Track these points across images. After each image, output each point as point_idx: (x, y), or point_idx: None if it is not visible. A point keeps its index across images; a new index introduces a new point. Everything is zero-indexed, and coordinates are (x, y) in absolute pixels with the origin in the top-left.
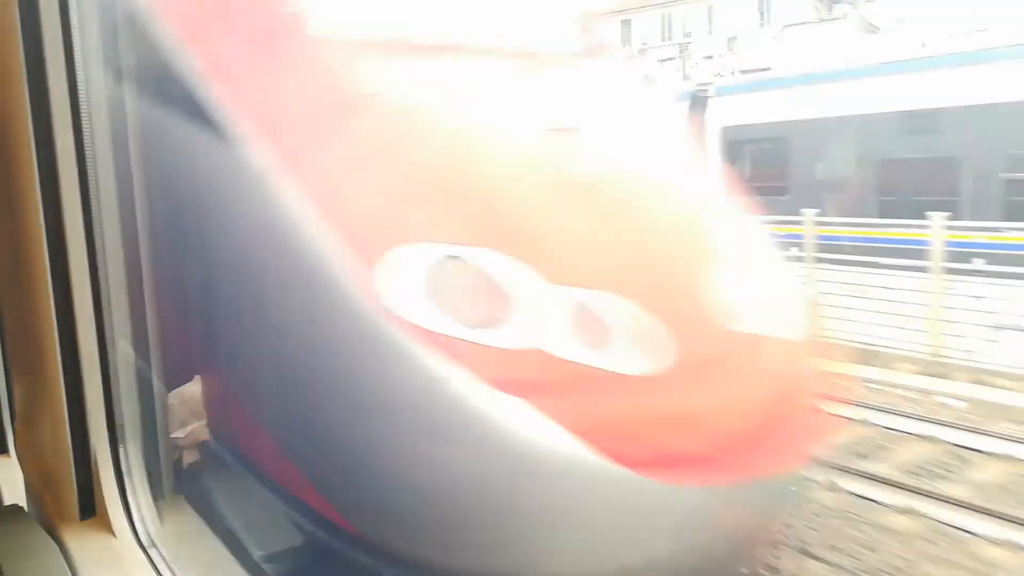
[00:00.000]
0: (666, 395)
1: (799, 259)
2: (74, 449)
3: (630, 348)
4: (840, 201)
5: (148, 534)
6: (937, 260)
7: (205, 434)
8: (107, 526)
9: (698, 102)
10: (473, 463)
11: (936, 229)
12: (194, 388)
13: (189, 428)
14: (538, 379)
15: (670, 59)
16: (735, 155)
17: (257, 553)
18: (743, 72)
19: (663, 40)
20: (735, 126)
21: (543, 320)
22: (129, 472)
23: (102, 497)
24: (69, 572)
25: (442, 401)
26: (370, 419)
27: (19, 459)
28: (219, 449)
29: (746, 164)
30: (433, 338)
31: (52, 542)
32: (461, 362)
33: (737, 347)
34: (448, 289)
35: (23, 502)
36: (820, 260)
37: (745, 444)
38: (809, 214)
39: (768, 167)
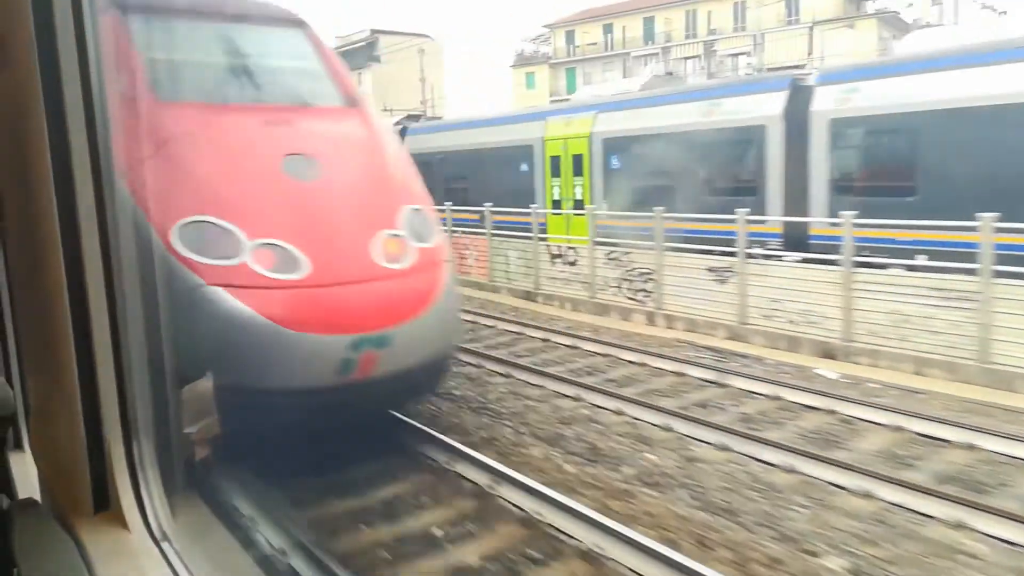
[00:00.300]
0: (306, 292)
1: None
2: (88, 443)
3: (286, 267)
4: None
5: (161, 528)
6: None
7: (217, 428)
8: (120, 520)
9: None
10: (217, 326)
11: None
12: (207, 383)
13: (202, 423)
14: (244, 283)
15: (694, 57)
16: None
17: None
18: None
19: (687, 37)
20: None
21: (247, 254)
22: (142, 466)
23: (116, 491)
24: (83, 565)
25: (199, 296)
26: (172, 308)
27: (33, 453)
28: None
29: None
30: (192, 264)
31: (66, 535)
32: (206, 276)
33: (361, 269)
34: (202, 238)
35: (37, 496)
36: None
37: (353, 316)
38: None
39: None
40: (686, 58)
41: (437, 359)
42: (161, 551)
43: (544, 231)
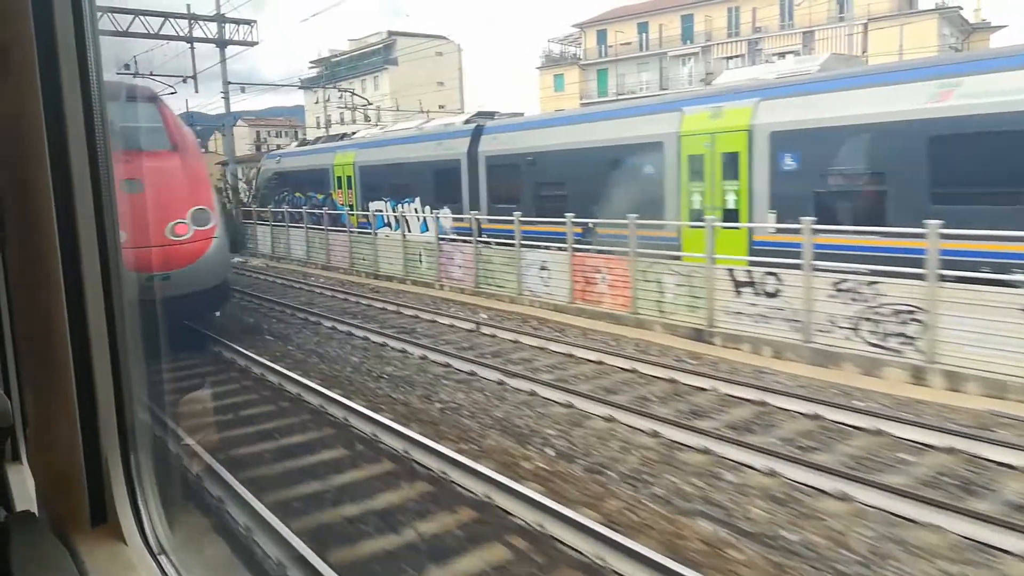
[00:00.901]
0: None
1: None
2: (86, 456)
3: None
4: None
5: (158, 541)
6: None
7: (214, 440)
8: (118, 533)
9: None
10: None
11: None
12: (203, 394)
13: (199, 435)
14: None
15: (737, 57)
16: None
17: None
18: None
19: (729, 36)
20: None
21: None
22: (140, 479)
23: (113, 504)
24: None
25: None
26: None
27: (31, 466)
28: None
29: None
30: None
31: (63, 548)
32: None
33: (157, 240)
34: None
35: (35, 509)
36: None
37: (149, 264)
38: None
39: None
40: (728, 58)
41: (206, 290)
42: (158, 565)
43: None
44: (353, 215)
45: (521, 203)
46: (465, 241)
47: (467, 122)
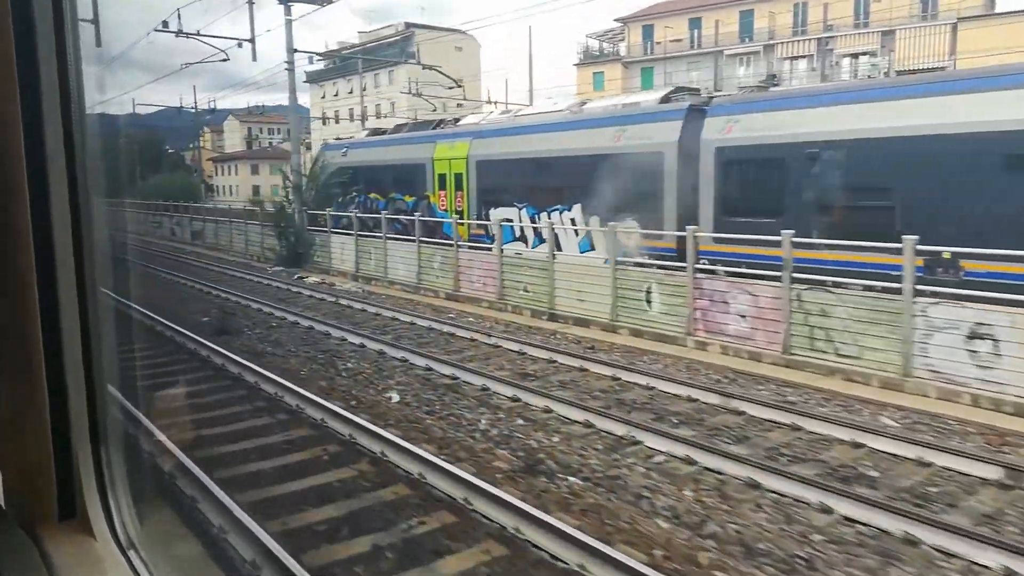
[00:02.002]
0: None
1: None
2: (55, 450)
3: None
4: None
5: (128, 536)
6: None
7: (186, 436)
8: (87, 527)
9: None
10: None
11: None
12: (176, 391)
13: (170, 431)
14: None
15: (804, 57)
16: None
17: None
18: None
19: (795, 34)
20: None
21: None
22: (111, 474)
23: (82, 498)
24: (47, 574)
25: None
26: None
27: None
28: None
29: None
30: None
31: (31, 543)
32: None
33: None
34: None
35: (1, 502)
36: None
37: None
38: None
39: None
40: (793, 58)
41: None
42: (127, 559)
43: None
44: (462, 224)
45: (789, 215)
46: (703, 270)
47: (666, 99)
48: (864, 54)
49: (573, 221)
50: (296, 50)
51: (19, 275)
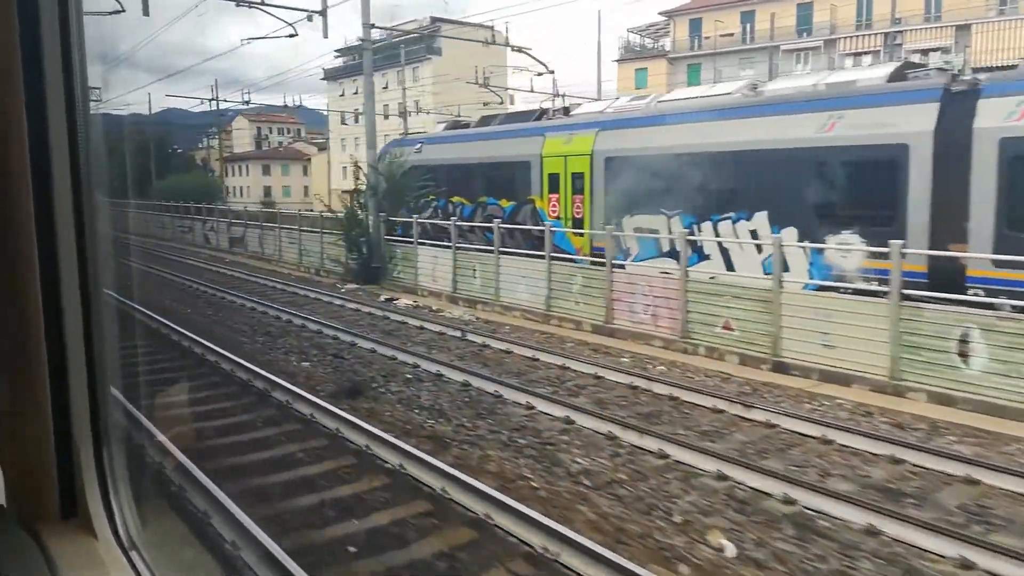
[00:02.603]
0: None
1: None
2: (57, 449)
3: None
4: None
5: (129, 536)
6: None
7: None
8: (88, 527)
9: None
10: None
11: None
12: (177, 391)
13: (176, 429)
14: None
15: (869, 52)
16: None
17: None
18: None
19: (859, 28)
20: None
21: None
22: (113, 473)
23: (84, 498)
24: (48, 573)
25: None
26: None
27: (0, 457)
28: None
29: None
30: None
31: (32, 542)
32: None
33: None
34: None
35: (3, 501)
36: None
37: None
38: None
39: None
40: (856, 53)
41: None
42: (129, 560)
43: None
44: (581, 236)
45: None
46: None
47: (899, 75)
48: (936, 50)
49: (754, 234)
50: (375, 26)
51: (23, 275)
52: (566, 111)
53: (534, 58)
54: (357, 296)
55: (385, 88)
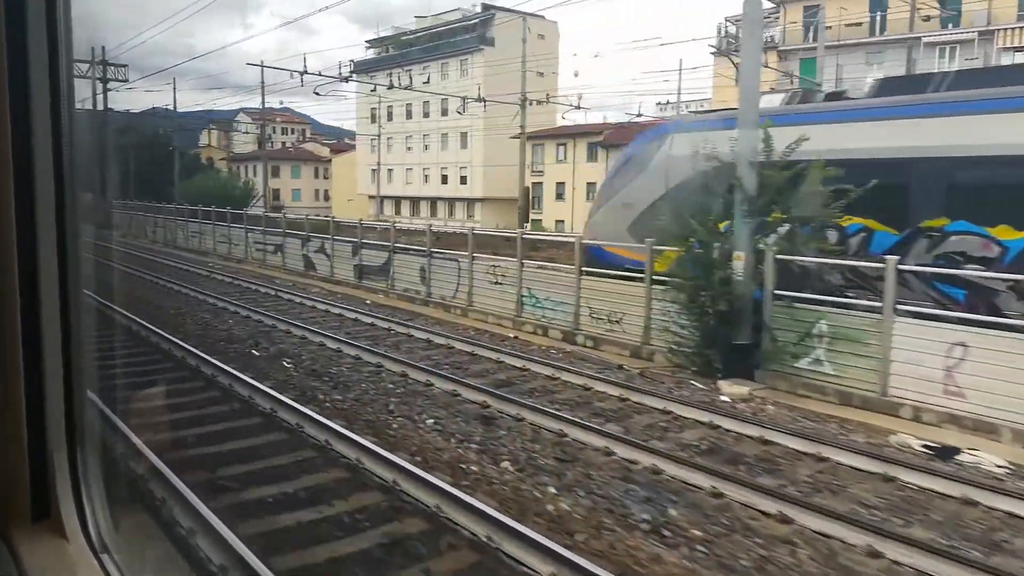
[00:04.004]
0: None
1: None
2: (30, 450)
3: None
4: None
5: (102, 539)
6: None
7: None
8: (60, 530)
9: None
10: None
11: None
12: (152, 394)
13: (151, 433)
14: None
15: None
16: None
17: None
18: None
19: (1021, 19)
20: None
21: None
22: (86, 475)
23: (56, 500)
24: (17, 575)
25: None
26: None
27: None
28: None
29: None
30: None
31: (1, 544)
32: None
33: None
34: None
35: None
36: None
37: None
38: None
39: None
40: (1017, 48)
41: None
42: (100, 563)
43: None
44: None
45: None
46: None
47: None
48: None
49: None
50: None
51: (1, 275)
52: None
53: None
54: (782, 423)
55: (426, 83)
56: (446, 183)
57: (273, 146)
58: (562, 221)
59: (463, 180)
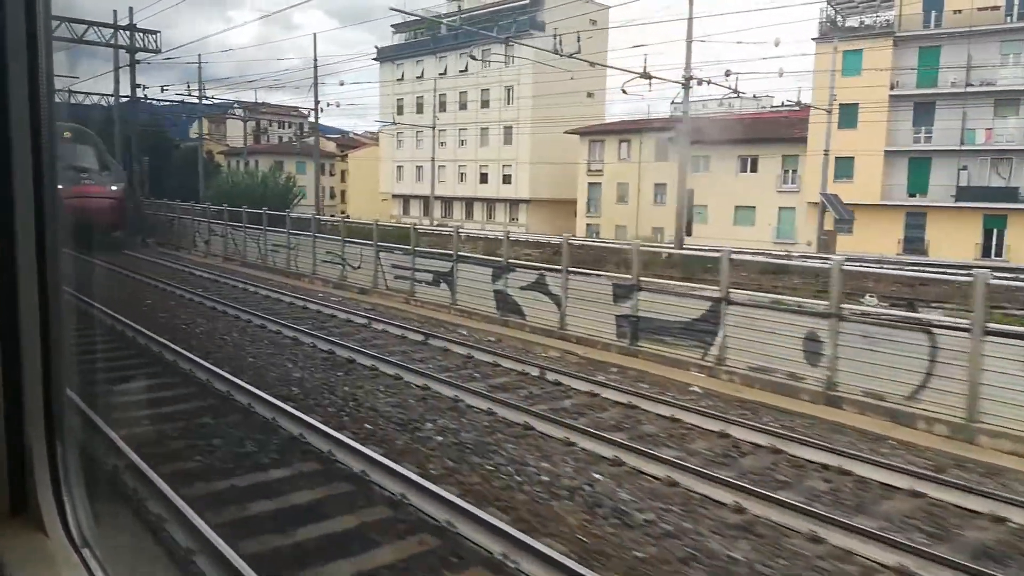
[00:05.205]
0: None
1: None
2: (8, 442)
3: None
4: None
5: (82, 533)
6: None
7: (143, 433)
8: (38, 523)
9: None
10: None
11: None
12: (133, 386)
13: (132, 427)
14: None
15: None
16: None
17: None
18: None
19: None
20: None
21: None
22: (66, 469)
23: (35, 493)
24: None
25: None
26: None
27: None
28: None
29: None
30: None
31: None
32: None
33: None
34: None
35: None
36: None
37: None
38: None
39: None
40: None
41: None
42: (81, 558)
43: None
44: None
45: None
46: None
47: None
48: None
49: None
50: None
51: None
52: None
53: None
54: None
55: (464, 71)
56: (485, 182)
57: (268, 140)
58: (623, 227)
59: (506, 179)
